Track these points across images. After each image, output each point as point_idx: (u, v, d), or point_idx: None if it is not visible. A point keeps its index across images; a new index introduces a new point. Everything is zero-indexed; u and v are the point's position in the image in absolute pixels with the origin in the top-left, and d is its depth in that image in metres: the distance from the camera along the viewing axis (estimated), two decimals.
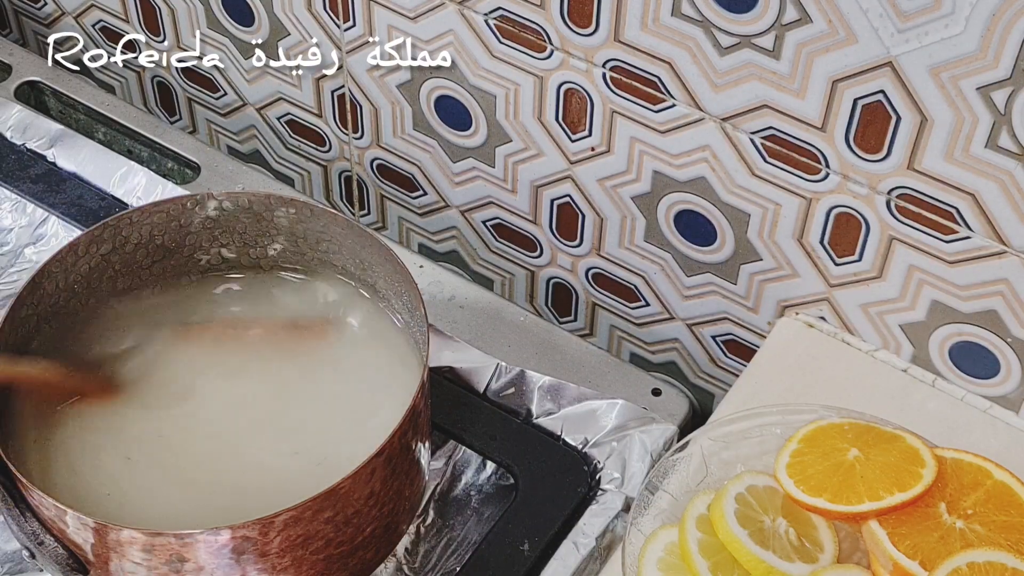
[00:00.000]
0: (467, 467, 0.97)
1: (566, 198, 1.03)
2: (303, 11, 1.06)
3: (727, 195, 0.94)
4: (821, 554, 0.81)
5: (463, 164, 1.07)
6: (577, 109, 0.97)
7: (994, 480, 0.81)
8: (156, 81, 1.25)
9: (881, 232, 0.89)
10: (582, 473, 0.94)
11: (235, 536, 0.79)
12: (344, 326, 0.96)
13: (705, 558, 0.80)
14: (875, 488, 0.80)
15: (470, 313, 1.04)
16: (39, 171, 1.13)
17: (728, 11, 0.85)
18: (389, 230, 1.19)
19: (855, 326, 0.96)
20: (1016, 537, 0.78)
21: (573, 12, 0.91)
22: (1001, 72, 0.78)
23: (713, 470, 0.86)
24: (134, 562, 0.81)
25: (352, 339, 0.95)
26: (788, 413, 0.87)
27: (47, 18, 1.28)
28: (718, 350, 1.05)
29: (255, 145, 1.22)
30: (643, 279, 1.05)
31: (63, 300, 0.93)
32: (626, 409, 0.97)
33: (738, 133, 0.90)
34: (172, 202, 0.95)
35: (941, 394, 0.94)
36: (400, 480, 0.86)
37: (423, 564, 0.92)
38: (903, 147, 0.84)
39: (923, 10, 0.78)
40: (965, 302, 0.89)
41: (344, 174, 1.18)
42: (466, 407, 0.98)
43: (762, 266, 0.97)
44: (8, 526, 0.85)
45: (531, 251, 1.10)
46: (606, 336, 1.12)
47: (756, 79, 0.87)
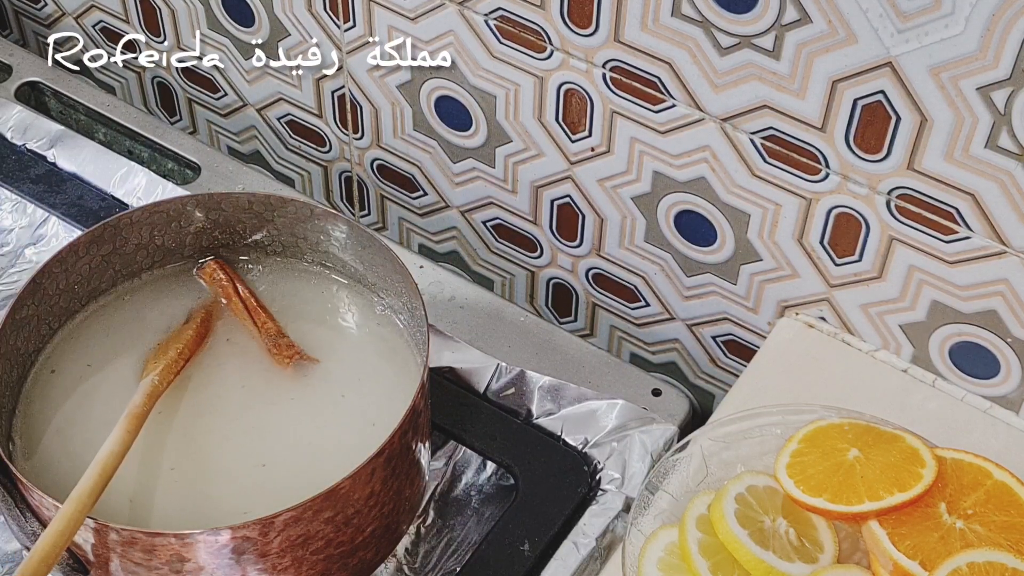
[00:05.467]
0: (467, 467, 0.97)
1: (566, 198, 1.04)
2: (303, 11, 1.06)
3: (727, 195, 0.94)
4: (821, 554, 0.81)
5: (463, 164, 1.07)
6: (577, 109, 0.97)
7: (994, 480, 0.81)
8: (156, 82, 1.25)
9: (881, 232, 0.89)
10: (582, 473, 0.94)
11: (235, 536, 0.79)
12: (344, 327, 0.96)
13: (705, 558, 0.80)
14: (875, 488, 0.80)
15: (470, 313, 1.04)
16: (39, 172, 1.13)
17: (728, 11, 0.85)
18: (389, 230, 1.19)
19: (855, 326, 0.96)
20: (1016, 537, 0.78)
21: (573, 12, 0.91)
22: (1001, 72, 0.78)
23: (713, 470, 0.86)
24: (134, 562, 0.81)
25: (352, 339, 0.95)
26: (788, 413, 0.87)
27: (47, 18, 1.28)
28: (718, 350, 1.05)
29: (255, 145, 1.22)
30: (643, 279, 1.05)
31: (63, 300, 0.93)
32: (626, 409, 0.97)
33: (738, 133, 0.90)
34: (172, 202, 0.95)
35: (941, 394, 0.94)
36: (400, 480, 0.86)
37: (423, 564, 0.92)
38: (903, 147, 0.84)
39: (923, 10, 0.78)
40: (965, 302, 0.89)
41: (344, 174, 1.18)
42: (466, 407, 0.98)
43: (762, 266, 0.97)
44: (8, 526, 0.85)
45: (531, 251, 1.10)
46: (606, 336, 1.12)
47: (756, 79, 0.87)
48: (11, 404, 0.89)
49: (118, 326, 0.94)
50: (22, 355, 0.90)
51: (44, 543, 0.78)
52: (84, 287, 0.94)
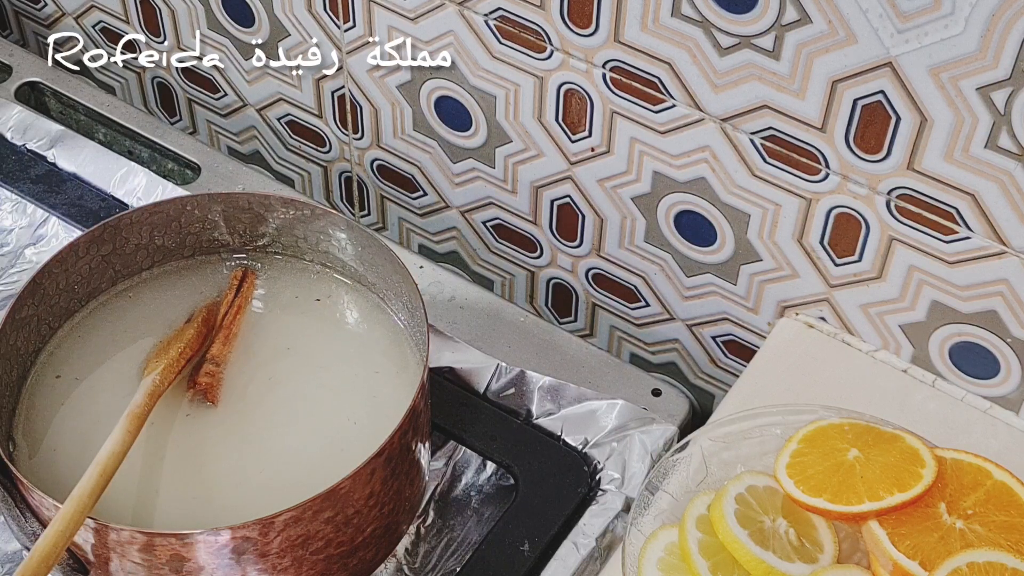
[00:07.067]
0: (467, 467, 0.97)
1: (566, 199, 1.04)
2: (303, 11, 1.06)
3: (727, 195, 0.94)
4: (821, 554, 0.81)
5: (463, 165, 1.08)
6: (577, 110, 0.97)
7: (994, 480, 0.81)
8: (156, 82, 1.25)
9: (881, 232, 0.89)
10: (582, 473, 0.94)
11: (235, 536, 0.79)
12: (344, 327, 0.96)
13: (705, 558, 0.80)
14: (875, 488, 0.80)
15: (470, 313, 1.04)
16: (39, 172, 1.13)
17: (728, 11, 0.85)
18: (389, 231, 1.19)
19: (855, 326, 0.96)
20: (1016, 537, 0.78)
21: (573, 12, 0.91)
22: (1001, 72, 0.78)
23: (713, 470, 0.86)
24: (134, 562, 0.81)
25: (352, 339, 0.95)
26: (788, 413, 0.87)
27: (47, 19, 1.28)
28: (718, 350, 1.05)
29: (255, 146, 1.22)
30: (643, 280, 1.05)
31: (63, 300, 0.93)
32: (626, 409, 0.97)
33: (738, 133, 0.90)
34: (172, 203, 0.95)
35: (941, 394, 0.94)
36: (400, 480, 0.86)
37: (423, 564, 0.92)
38: (903, 147, 0.84)
39: (923, 10, 0.78)
40: (965, 302, 0.89)
41: (344, 175, 1.18)
42: (466, 407, 0.98)
43: (762, 266, 0.97)
44: (8, 526, 0.85)
45: (531, 252, 1.10)
46: (606, 336, 1.12)
47: (756, 79, 0.87)
48: (11, 404, 0.90)
49: (118, 326, 0.94)
50: (22, 355, 0.90)
51: (44, 543, 0.78)
52: (84, 287, 0.94)
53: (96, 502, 0.80)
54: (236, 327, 0.93)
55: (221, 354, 0.92)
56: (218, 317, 0.94)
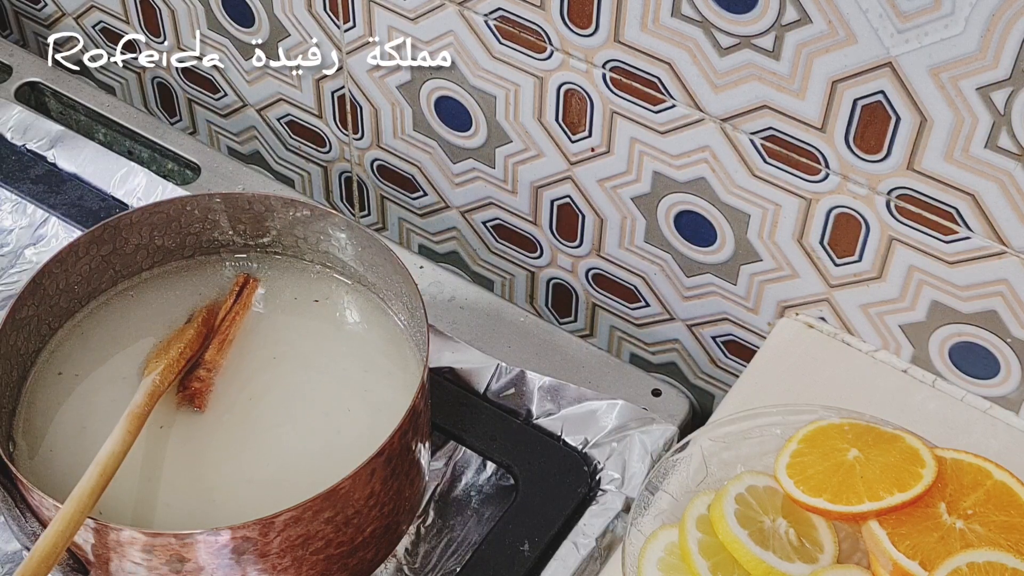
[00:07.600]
0: (467, 467, 0.97)
1: (566, 199, 1.04)
2: (303, 12, 1.06)
3: (727, 196, 0.94)
4: (821, 554, 0.81)
5: (463, 165, 1.08)
6: (577, 110, 0.97)
7: (994, 480, 0.81)
8: (156, 82, 1.25)
9: (881, 232, 0.89)
10: (582, 473, 0.94)
11: (235, 536, 0.79)
12: (344, 327, 0.96)
13: (705, 558, 0.80)
14: (875, 488, 0.80)
15: (470, 314, 1.04)
16: (39, 172, 1.13)
17: (728, 11, 0.85)
18: (389, 231, 1.19)
19: (855, 326, 0.96)
20: (1016, 537, 0.78)
21: (573, 12, 0.92)
22: (1001, 72, 0.78)
23: (713, 470, 0.86)
24: (134, 562, 0.81)
25: (352, 339, 0.95)
26: (788, 413, 0.87)
27: (47, 19, 1.28)
28: (718, 351, 1.05)
29: (255, 146, 1.22)
30: (643, 280, 1.05)
31: (63, 300, 0.93)
32: (626, 409, 0.97)
33: (738, 133, 0.90)
34: (172, 203, 0.95)
35: (941, 394, 0.94)
36: (400, 480, 0.86)
37: (423, 564, 0.92)
38: (903, 147, 0.84)
39: (923, 10, 0.78)
40: (965, 302, 0.89)
41: (344, 175, 1.18)
42: (466, 407, 0.98)
43: (762, 267, 0.97)
44: (8, 526, 0.85)
45: (531, 252, 1.10)
46: (606, 337, 1.12)
47: (756, 79, 0.87)
48: (11, 404, 0.90)
49: (118, 326, 0.95)
50: (22, 355, 0.90)
51: (44, 543, 0.78)
52: (84, 287, 0.94)
53: (96, 502, 0.80)
54: (232, 334, 0.93)
55: (214, 360, 0.92)
56: (217, 321, 0.94)
